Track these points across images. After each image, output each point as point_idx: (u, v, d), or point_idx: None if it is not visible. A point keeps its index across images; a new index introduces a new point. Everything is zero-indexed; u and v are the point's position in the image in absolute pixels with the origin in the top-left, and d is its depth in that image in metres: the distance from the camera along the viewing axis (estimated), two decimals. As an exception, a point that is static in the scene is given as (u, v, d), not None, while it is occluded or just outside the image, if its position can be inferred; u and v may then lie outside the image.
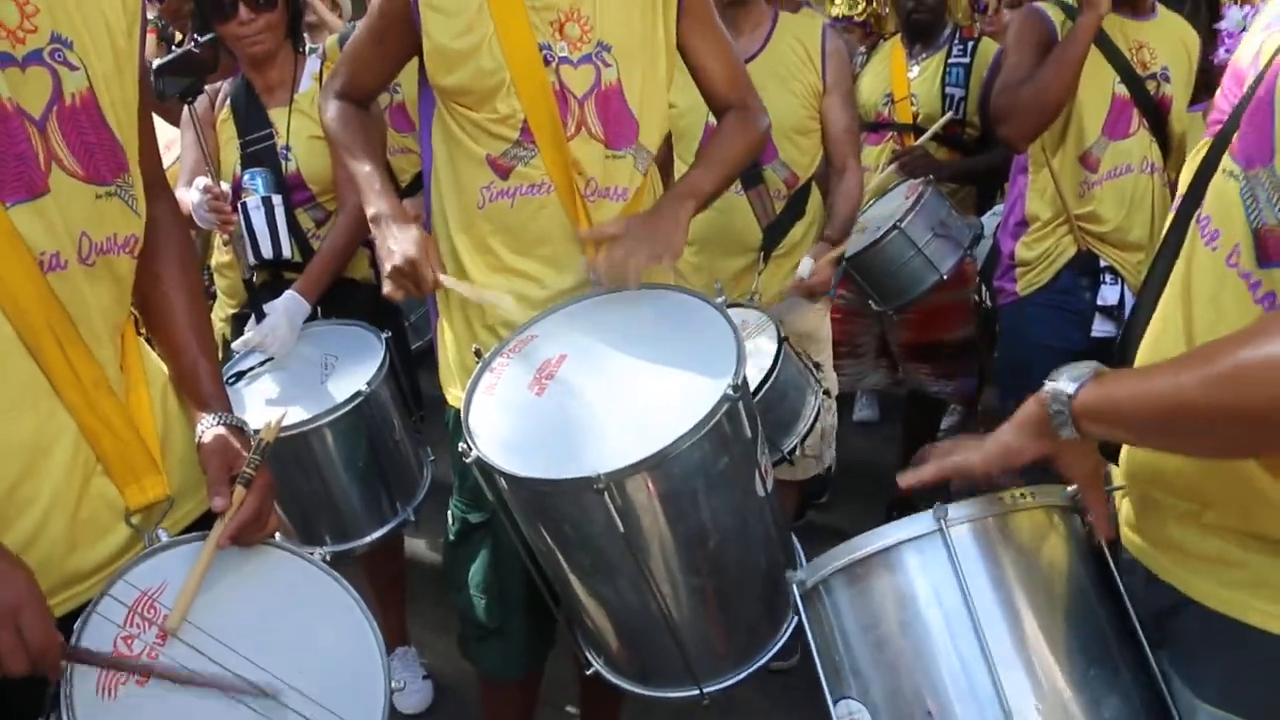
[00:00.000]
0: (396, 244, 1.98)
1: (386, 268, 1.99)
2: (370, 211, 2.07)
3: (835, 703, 1.46)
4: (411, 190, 3.57)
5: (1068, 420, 1.24)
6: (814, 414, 2.76)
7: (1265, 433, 1.03)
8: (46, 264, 1.43)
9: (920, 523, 1.42)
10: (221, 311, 3.03)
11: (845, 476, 4.15)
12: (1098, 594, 1.41)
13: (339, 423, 2.51)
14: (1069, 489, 1.46)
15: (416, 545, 3.93)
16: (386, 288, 2.01)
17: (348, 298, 2.93)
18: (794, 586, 1.54)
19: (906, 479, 1.46)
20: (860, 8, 4.66)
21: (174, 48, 3.14)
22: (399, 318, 3.04)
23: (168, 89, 2.43)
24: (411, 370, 3.12)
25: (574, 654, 2.16)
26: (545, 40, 2.04)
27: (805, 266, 2.85)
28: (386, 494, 2.66)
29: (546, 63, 2.04)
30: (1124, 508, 1.41)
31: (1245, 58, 1.22)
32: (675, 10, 2.14)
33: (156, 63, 2.43)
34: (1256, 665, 1.21)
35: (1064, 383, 1.25)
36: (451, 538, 2.33)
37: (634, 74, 2.11)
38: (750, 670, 1.95)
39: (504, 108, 2.05)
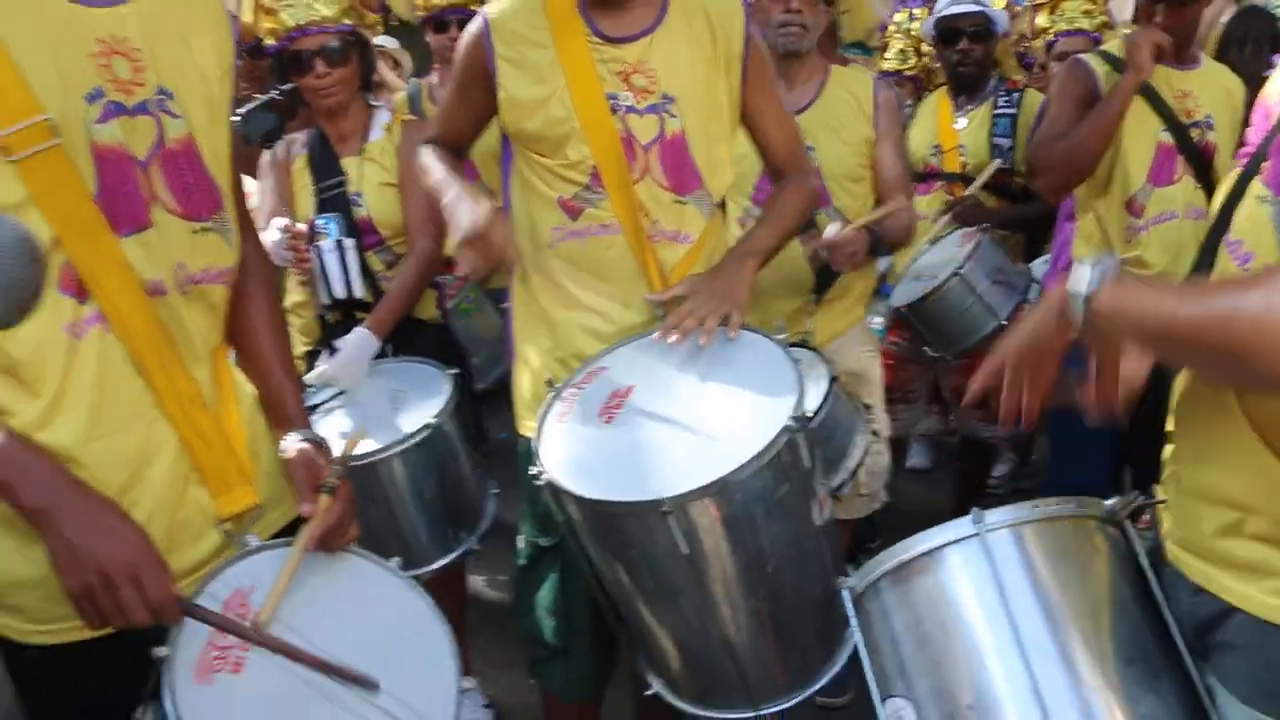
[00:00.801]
0: (467, 216, 2.06)
1: (456, 240, 2.08)
2: (445, 199, 2.17)
3: (884, 701, 1.51)
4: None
5: (1081, 315, 1.30)
6: (862, 454, 2.83)
7: (1241, 369, 1.12)
8: (150, 290, 1.57)
9: (961, 526, 1.49)
10: (295, 349, 3.15)
11: (898, 521, 4.17)
12: (1137, 602, 1.46)
13: (409, 454, 2.61)
14: (1108, 503, 1.52)
15: (476, 582, 3.99)
16: (460, 262, 2.10)
17: (415, 336, 3.04)
18: (845, 592, 1.60)
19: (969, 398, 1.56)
20: (911, 62, 4.76)
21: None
22: (464, 357, 3.15)
23: (252, 133, 2.59)
24: (476, 407, 3.22)
25: (631, 678, 2.22)
26: (613, 90, 2.17)
27: (832, 229, 2.87)
28: (452, 524, 2.75)
29: (614, 111, 2.17)
30: (1166, 521, 1.45)
31: (1273, 95, 1.30)
32: (740, 73, 2.27)
33: (242, 109, 2.58)
34: None
35: (1082, 282, 1.30)
36: (522, 562, 2.41)
37: (697, 125, 2.23)
38: (805, 694, 2.00)
39: (574, 154, 2.18)
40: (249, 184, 3.17)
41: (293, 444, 1.77)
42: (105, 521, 1.46)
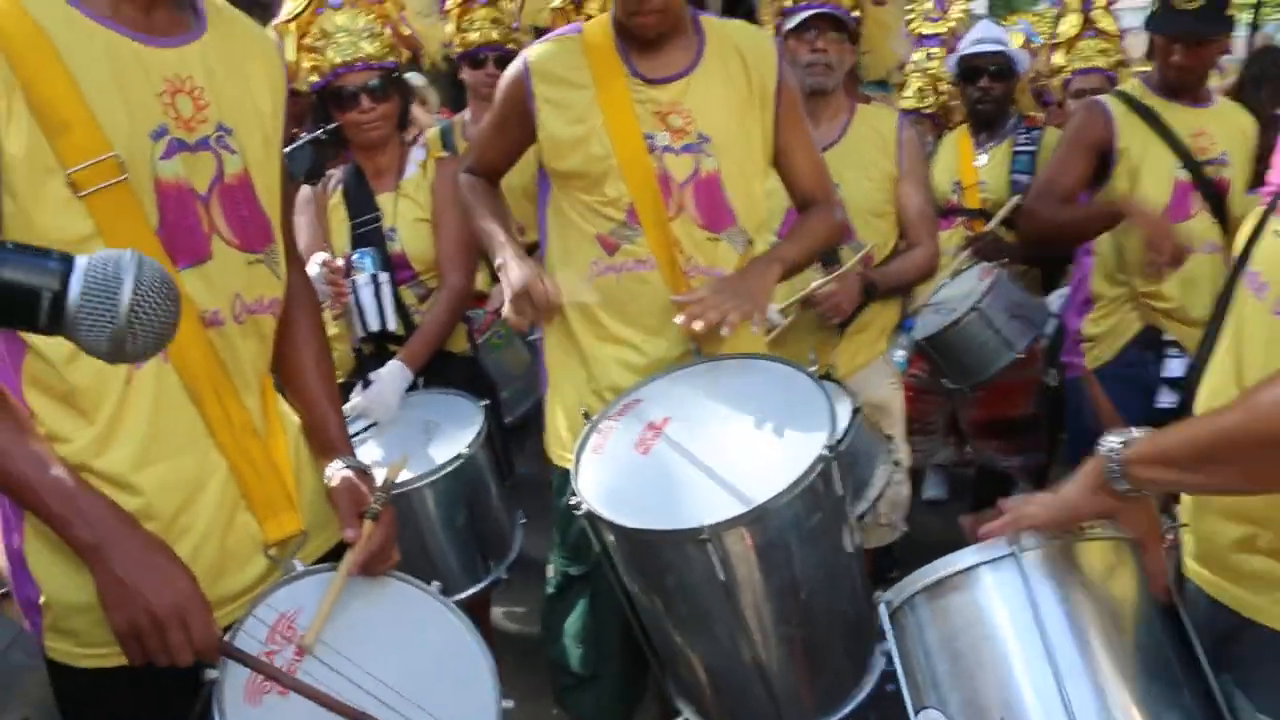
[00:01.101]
0: (514, 274, 2.20)
1: (508, 295, 2.20)
2: (496, 261, 2.29)
3: (917, 713, 1.55)
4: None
5: (1119, 472, 1.36)
6: (884, 483, 2.87)
7: None
8: (207, 320, 1.63)
9: (996, 546, 1.53)
10: (332, 380, 3.21)
11: (915, 552, 4.19)
12: (1161, 620, 1.50)
13: (440, 483, 2.64)
14: None
15: (495, 613, 4.00)
16: (507, 310, 2.22)
17: (446, 369, 3.08)
18: (882, 606, 1.64)
19: (981, 530, 1.57)
20: (929, 101, 4.83)
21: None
22: (494, 390, 3.20)
23: (296, 169, 2.65)
24: (506, 439, 3.26)
25: (659, 705, 2.24)
26: (650, 130, 2.24)
27: (815, 284, 2.97)
28: (481, 554, 2.78)
29: (651, 150, 2.23)
30: (1187, 541, 1.51)
31: None
32: (774, 112, 2.33)
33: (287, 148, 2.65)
34: None
35: (1115, 440, 1.37)
36: (551, 590, 2.46)
37: (732, 164, 2.29)
38: (836, 719, 2.04)
39: (612, 191, 2.25)
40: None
41: (337, 471, 1.81)
42: (155, 561, 1.49)
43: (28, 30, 1.46)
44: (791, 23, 3.14)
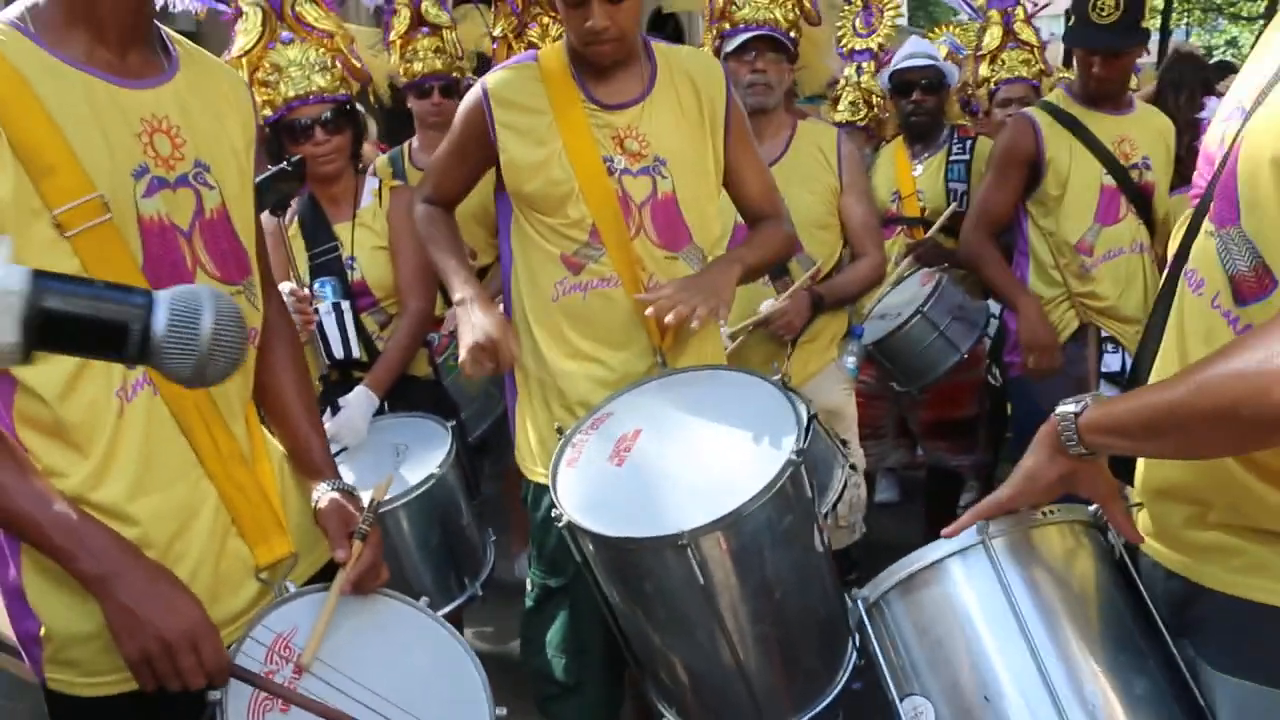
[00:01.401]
0: (480, 322, 2.24)
1: (467, 343, 2.23)
2: (456, 297, 2.34)
3: (901, 700, 1.63)
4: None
5: (1075, 436, 1.44)
6: (840, 486, 2.96)
7: (1223, 429, 1.25)
8: None
9: (965, 537, 1.62)
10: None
11: (871, 554, 4.29)
12: (1122, 594, 1.60)
13: (414, 504, 2.68)
14: (1092, 508, 1.66)
15: (465, 634, 4.04)
16: (463, 357, 2.23)
17: (409, 393, 3.14)
18: (858, 603, 1.72)
19: (949, 530, 1.65)
20: (862, 114, 4.97)
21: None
22: (456, 412, 3.24)
23: (262, 201, 2.68)
24: (472, 458, 3.30)
25: (634, 706, 2.29)
26: (608, 153, 2.31)
27: (766, 305, 3.08)
28: (455, 572, 2.82)
29: (610, 173, 2.31)
30: (1141, 519, 1.61)
31: (1212, 144, 1.48)
32: (724, 133, 2.42)
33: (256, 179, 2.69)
34: (1262, 634, 1.40)
35: (1069, 406, 1.46)
36: (530, 603, 2.51)
37: (686, 185, 2.37)
38: (811, 714, 2.11)
39: (574, 213, 2.32)
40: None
41: (324, 494, 1.86)
42: (161, 589, 1.53)
43: (8, 76, 1.49)
44: (731, 45, 3.24)
